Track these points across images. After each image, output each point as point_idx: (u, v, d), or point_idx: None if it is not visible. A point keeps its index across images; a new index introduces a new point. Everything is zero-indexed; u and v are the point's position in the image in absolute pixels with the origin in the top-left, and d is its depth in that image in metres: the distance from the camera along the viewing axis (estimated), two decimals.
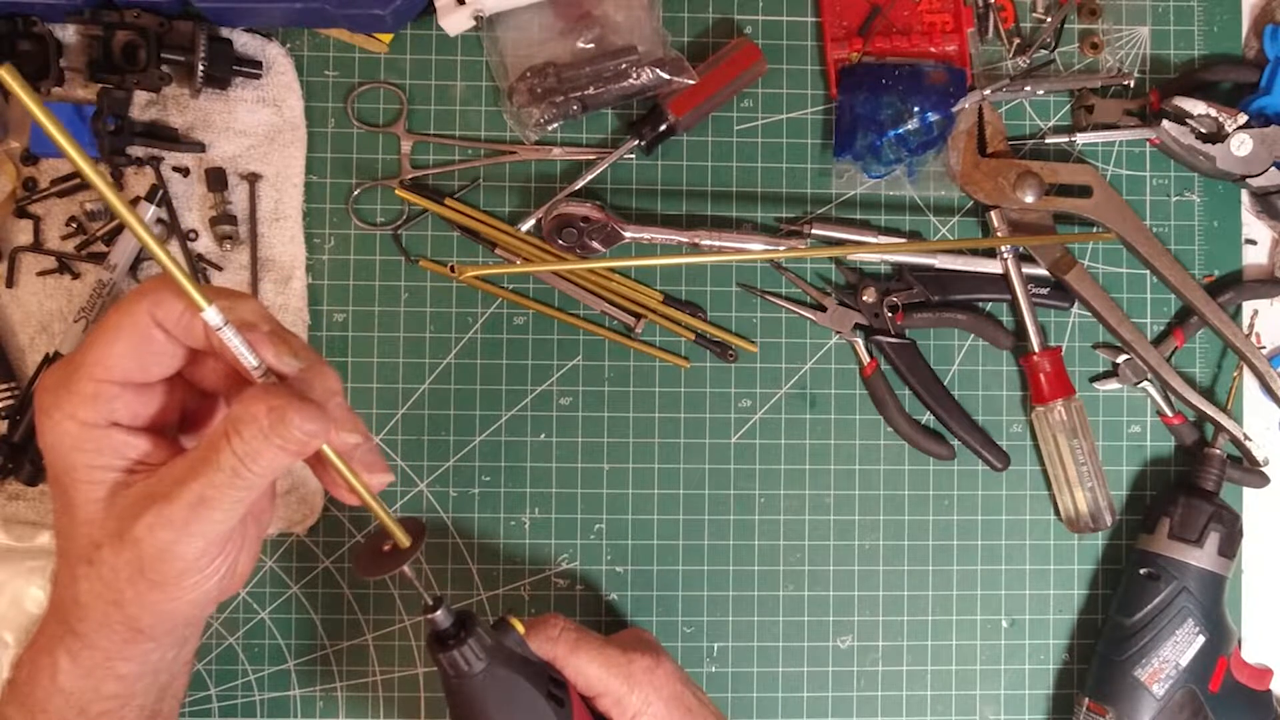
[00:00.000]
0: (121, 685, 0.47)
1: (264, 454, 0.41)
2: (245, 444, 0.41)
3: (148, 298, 0.42)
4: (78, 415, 0.43)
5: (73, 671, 0.46)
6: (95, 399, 0.43)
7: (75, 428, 0.43)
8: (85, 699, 0.47)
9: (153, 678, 0.48)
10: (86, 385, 0.43)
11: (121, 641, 0.46)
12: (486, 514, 0.70)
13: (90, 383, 0.42)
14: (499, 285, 0.70)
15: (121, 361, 0.43)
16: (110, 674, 0.47)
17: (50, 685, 0.47)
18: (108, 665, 0.46)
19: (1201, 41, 0.73)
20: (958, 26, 0.71)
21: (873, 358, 0.71)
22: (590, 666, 0.57)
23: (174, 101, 0.68)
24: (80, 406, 0.42)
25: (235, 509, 0.43)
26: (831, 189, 0.72)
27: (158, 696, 0.50)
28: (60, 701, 0.47)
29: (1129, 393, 0.73)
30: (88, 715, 0.47)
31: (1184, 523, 0.68)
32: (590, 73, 0.68)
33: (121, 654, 0.46)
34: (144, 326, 0.42)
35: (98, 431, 0.43)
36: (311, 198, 0.69)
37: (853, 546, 0.71)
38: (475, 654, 0.50)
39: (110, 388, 0.43)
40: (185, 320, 0.42)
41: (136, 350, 0.43)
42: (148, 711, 0.49)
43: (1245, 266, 0.73)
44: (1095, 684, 0.69)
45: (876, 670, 0.71)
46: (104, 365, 0.42)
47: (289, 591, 0.69)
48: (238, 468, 0.41)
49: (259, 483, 0.42)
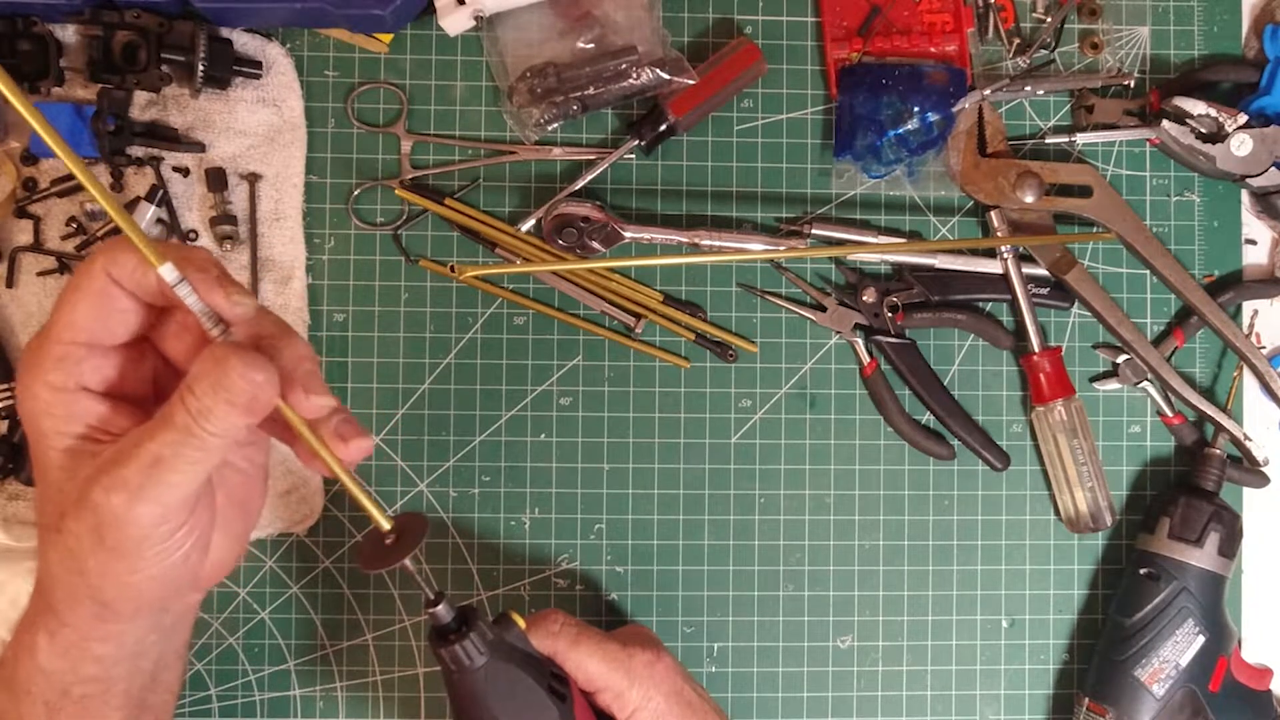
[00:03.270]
0: (99, 668, 0.47)
1: (215, 410, 0.41)
2: (198, 400, 0.41)
3: (103, 256, 0.43)
4: (48, 379, 0.43)
5: (51, 650, 0.46)
6: (62, 361, 0.43)
7: (46, 392, 0.43)
8: (65, 680, 0.47)
9: (132, 663, 0.48)
10: (54, 348, 0.43)
11: (91, 618, 0.45)
12: (486, 514, 0.70)
13: (58, 345, 0.43)
14: (499, 285, 0.70)
15: (85, 322, 0.43)
16: (87, 655, 0.46)
17: (31, 665, 0.47)
18: (84, 645, 0.46)
19: (1201, 41, 0.73)
20: (958, 26, 0.71)
21: (873, 358, 0.71)
22: (591, 661, 0.57)
23: (174, 101, 0.68)
24: (50, 370, 0.43)
25: (191, 471, 0.42)
26: (831, 189, 0.72)
27: (143, 685, 0.49)
28: (42, 682, 0.47)
29: (1129, 393, 0.73)
30: (70, 698, 0.47)
31: (1184, 523, 0.68)
32: (590, 73, 0.68)
33: (94, 633, 0.46)
34: (101, 284, 0.43)
35: (66, 396, 0.43)
36: (311, 198, 0.69)
37: (853, 546, 0.71)
38: (477, 648, 0.50)
39: (76, 349, 0.43)
40: (139, 275, 0.43)
41: (97, 309, 0.43)
42: (133, 700, 0.49)
43: (1245, 266, 0.73)
44: (1095, 684, 0.69)
45: (876, 670, 0.71)
46: (69, 327, 0.43)
47: (289, 591, 0.69)
48: (190, 425, 0.41)
49: (213, 443, 0.42)
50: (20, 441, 0.66)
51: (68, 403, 0.43)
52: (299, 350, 0.44)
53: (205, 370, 0.41)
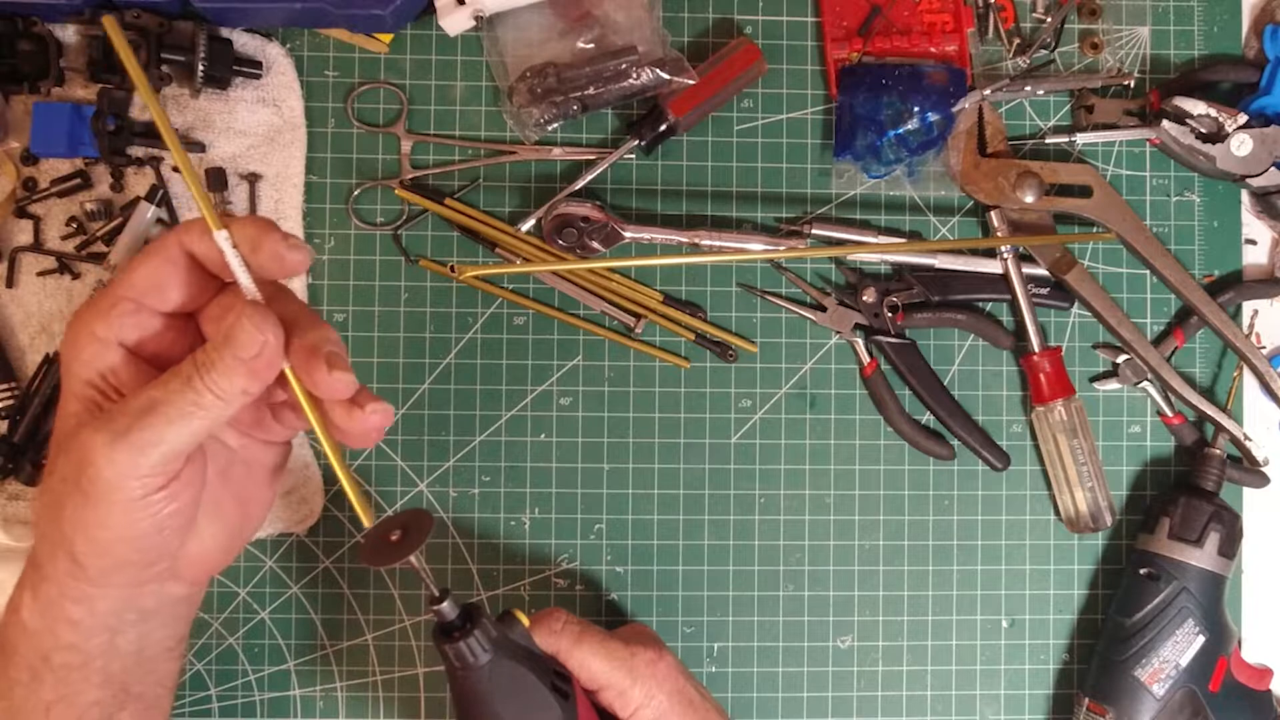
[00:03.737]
0: (75, 634, 0.47)
1: (219, 363, 0.42)
2: (206, 354, 0.42)
3: (181, 227, 0.46)
4: (92, 326, 0.45)
5: (33, 607, 0.47)
6: (110, 313, 0.45)
7: (86, 338, 0.45)
8: (45, 644, 0.47)
9: (107, 638, 0.48)
10: (106, 300, 0.45)
11: (65, 574, 0.46)
12: (486, 514, 0.70)
13: (111, 297, 0.45)
14: (499, 285, 0.70)
15: (142, 281, 0.45)
16: (63, 616, 0.47)
17: (16, 622, 0.48)
18: (60, 603, 0.47)
19: (1201, 41, 0.73)
20: (958, 26, 0.71)
21: (873, 358, 0.71)
22: (594, 660, 0.57)
23: (174, 101, 0.68)
24: (97, 319, 0.45)
25: (182, 425, 0.43)
26: (831, 189, 0.72)
27: (124, 668, 0.49)
28: (26, 643, 0.48)
29: (1129, 393, 0.73)
30: (49, 665, 0.47)
31: (1184, 523, 0.68)
32: (590, 73, 0.68)
33: (69, 591, 0.46)
34: (171, 249, 0.45)
35: (103, 347, 0.45)
36: (311, 198, 0.69)
37: (853, 546, 0.71)
38: (481, 646, 0.50)
39: (127, 304, 0.45)
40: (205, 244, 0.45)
41: (156, 271, 0.45)
42: (114, 682, 0.49)
43: (1245, 266, 0.73)
44: (1095, 684, 0.69)
45: (876, 670, 0.71)
46: (127, 282, 0.46)
47: (289, 591, 0.69)
48: (192, 376, 0.42)
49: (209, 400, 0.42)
50: (20, 442, 0.66)
51: (102, 353, 0.45)
52: (326, 333, 0.45)
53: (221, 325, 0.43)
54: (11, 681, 0.48)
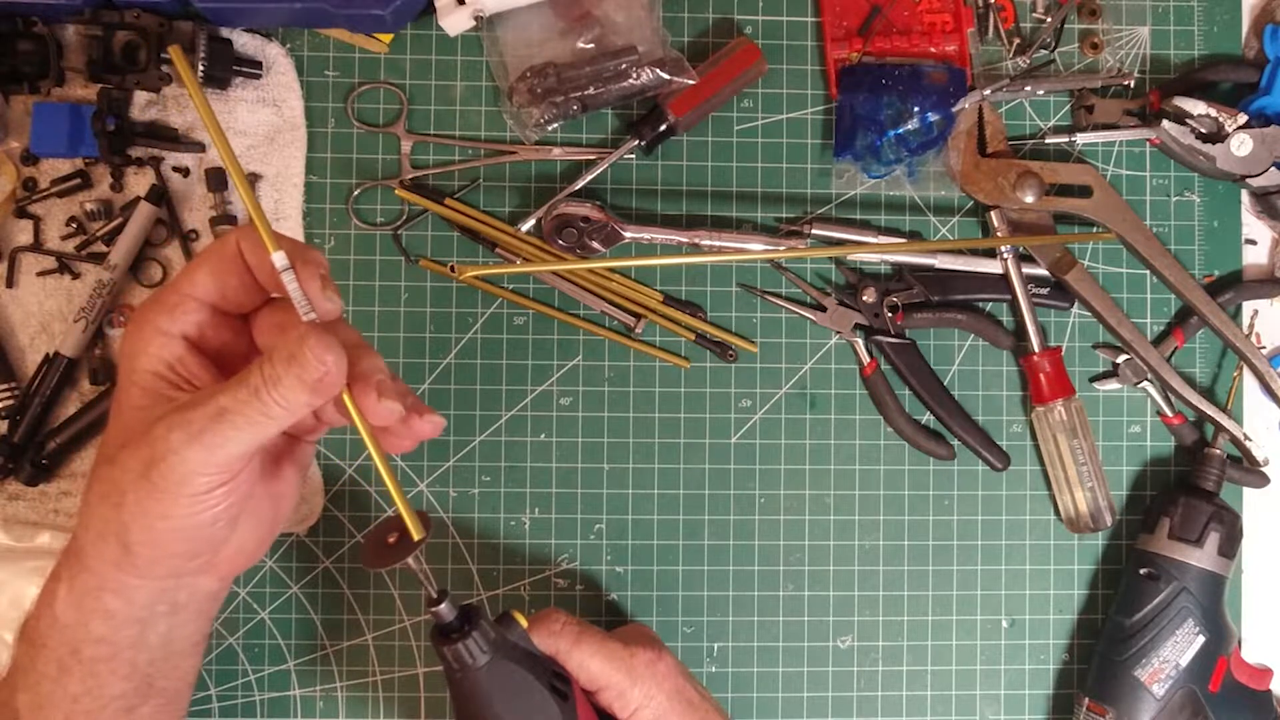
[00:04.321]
0: (108, 626, 0.48)
1: (285, 380, 0.44)
2: (273, 368, 0.44)
3: (240, 231, 0.48)
4: (156, 320, 0.47)
5: (68, 599, 0.48)
6: (175, 309, 0.47)
7: (151, 332, 0.47)
8: (77, 636, 0.48)
9: (138, 630, 0.49)
10: (172, 296, 0.48)
11: (111, 563, 0.47)
12: (486, 514, 0.70)
13: (176, 294, 0.48)
14: (499, 285, 0.70)
15: (205, 280, 0.48)
16: (99, 608, 0.48)
17: (49, 615, 0.49)
18: (98, 595, 0.48)
19: (1201, 41, 0.73)
20: (958, 26, 0.71)
21: (873, 358, 0.71)
22: (593, 660, 0.57)
23: (174, 101, 0.68)
24: (161, 314, 0.47)
25: (250, 431, 0.45)
26: (831, 189, 0.72)
27: (149, 660, 0.50)
28: (56, 637, 0.49)
29: (1129, 393, 0.73)
30: (79, 658, 0.48)
31: (1184, 523, 0.68)
32: (590, 73, 0.68)
33: (110, 582, 0.47)
34: (230, 253, 0.48)
35: (167, 339, 0.47)
36: (311, 198, 0.69)
37: (853, 546, 0.71)
38: (479, 647, 0.50)
39: (190, 301, 0.48)
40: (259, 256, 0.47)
41: (218, 273, 0.48)
42: (139, 674, 0.50)
43: (1245, 266, 0.73)
44: (1095, 684, 0.69)
45: (876, 670, 0.71)
46: (189, 280, 0.48)
47: (289, 591, 0.69)
48: (260, 388, 0.44)
49: (275, 410, 0.45)
50: (21, 441, 0.66)
51: (166, 345, 0.47)
52: (377, 362, 0.48)
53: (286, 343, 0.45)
54: (40, 675, 0.49)
